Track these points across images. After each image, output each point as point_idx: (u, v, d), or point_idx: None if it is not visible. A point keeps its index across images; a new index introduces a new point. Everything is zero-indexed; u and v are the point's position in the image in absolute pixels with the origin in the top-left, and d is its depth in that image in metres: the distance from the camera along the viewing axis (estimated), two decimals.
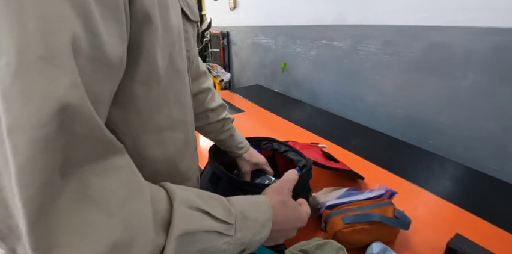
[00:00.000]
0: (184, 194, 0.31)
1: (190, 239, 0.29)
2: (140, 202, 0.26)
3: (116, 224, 0.24)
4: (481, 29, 1.47)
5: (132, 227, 0.25)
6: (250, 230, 0.35)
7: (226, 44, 3.76)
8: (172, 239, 0.28)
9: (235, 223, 0.34)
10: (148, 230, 0.26)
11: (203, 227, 0.31)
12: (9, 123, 0.19)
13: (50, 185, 0.21)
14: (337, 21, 2.23)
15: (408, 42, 1.79)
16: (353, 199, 0.75)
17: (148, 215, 0.27)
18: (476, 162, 1.56)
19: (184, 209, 0.30)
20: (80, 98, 0.22)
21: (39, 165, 0.20)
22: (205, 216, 0.31)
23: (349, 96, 2.28)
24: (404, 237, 0.72)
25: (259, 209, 0.38)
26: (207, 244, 0.31)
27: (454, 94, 1.64)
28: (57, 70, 0.21)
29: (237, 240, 0.34)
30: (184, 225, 0.29)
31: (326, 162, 0.90)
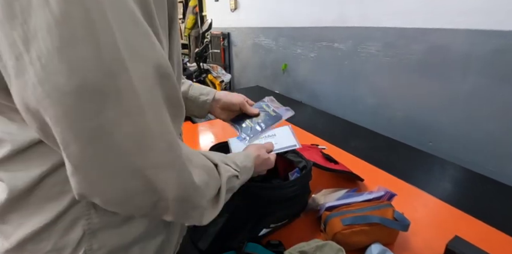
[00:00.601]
0: (215, 154, 0.49)
1: (228, 181, 0.47)
2: (203, 159, 0.44)
3: (202, 172, 0.41)
4: (481, 32, 1.47)
5: (208, 174, 0.42)
6: (246, 173, 0.55)
7: (226, 45, 3.77)
8: (223, 182, 0.45)
9: (240, 170, 0.51)
10: (215, 176, 0.44)
11: (231, 173, 0.49)
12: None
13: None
14: (338, 23, 2.23)
15: (409, 44, 1.80)
16: (353, 201, 0.75)
17: (211, 167, 0.45)
18: (475, 164, 1.56)
19: (222, 165, 0.47)
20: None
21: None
22: (230, 168, 0.49)
23: (349, 97, 2.28)
24: (403, 239, 0.72)
25: (248, 160, 0.56)
26: (233, 184, 0.50)
27: (454, 96, 1.65)
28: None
29: (241, 181, 0.53)
30: (226, 173, 0.47)
31: (326, 163, 0.90)
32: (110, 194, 0.32)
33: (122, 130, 0.29)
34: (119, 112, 0.28)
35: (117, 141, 0.29)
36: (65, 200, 0.38)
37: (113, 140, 0.29)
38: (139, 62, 0.29)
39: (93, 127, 0.28)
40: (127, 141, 0.30)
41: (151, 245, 0.47)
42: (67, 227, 0.39)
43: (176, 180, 0.34)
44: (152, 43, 0.31)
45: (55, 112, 0.27)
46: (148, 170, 0.32)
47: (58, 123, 0.27)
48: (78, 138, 0.28)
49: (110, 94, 0.28)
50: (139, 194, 0.33)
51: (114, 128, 0.29)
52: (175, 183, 0.34)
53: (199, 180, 0.38)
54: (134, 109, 0.29)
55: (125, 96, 0.29)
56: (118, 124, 0.29)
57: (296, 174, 0.73)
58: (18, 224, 0.38)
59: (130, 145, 0.30)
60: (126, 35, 0.28)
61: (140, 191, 0.33)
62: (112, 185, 0.31)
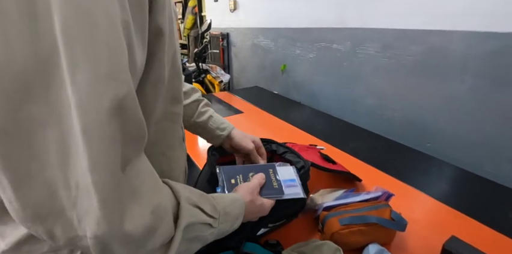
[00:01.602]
0: (185, 192, 0.39)
1: (189, 230, 0.37)
2: (164, 197, 0.35)
3: (148, 214, 0.32)
4: (479, 34, 1.48)
5: (158, 217, 0.33)
6: (228, 222, 0.44)
7: (226, 45, 3.77)
8: (180, 229, 0.36)
9: (219, 218, 0.42)
10: (168, 221, 0.35)
11: (199, 220, 0.39)
12: (82, 126, 0.25)
13: (114, 173, 0.28)
14: (337, 24, 2.24)
15: (407, 46, 1.81)
16: (350, 201, 0.75)
17: (168, 208, 0.35)
18: (473, 165, 1.57)
19: (187, 206, 0.38)
20: (134, 101, 0.29)
21: (107, 155, 0.27)
22: (200, 212, 0.39)
23: (348, 98, 2.29)
24: (400, 239, 0.72)
25: (235, 205, 0.47)
26: (200, 233, 0.40)
27: (451, 97, 1.65)
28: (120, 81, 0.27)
29: (219, 231, 0.43)
30: (188, 218, 0.37)
31: (324, 163, 0.90)
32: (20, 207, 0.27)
33: (44, 134, 0.26)
34: (44, 112, 0.25)
35: (35, 147, 0.26)
36: None
37: (30, 144, 0.26)
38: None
39: (8, 121, 0.25)
40: (47, 148, 0.26)
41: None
42: None
43: (99, 217, 0.27)
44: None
45: None
46: (63, 190, 0.27)
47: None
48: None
49: (40, 86, 0.25)
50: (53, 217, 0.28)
51: (33, 130, 0.25)
52: (96, 222, 0.27)
53: (140, 224, 0.30)
54: (62, 110, 0.26)
55: (54, 92, 0.25)
56: (40, 126, 0.25)
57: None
58: (15, 224, 0.37)
59: (51, 156, 0.26)
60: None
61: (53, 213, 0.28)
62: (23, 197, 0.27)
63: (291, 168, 0.66)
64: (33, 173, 0.26)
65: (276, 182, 0.60)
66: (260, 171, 0.60)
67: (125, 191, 0.30)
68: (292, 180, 0.62)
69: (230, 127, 0.74)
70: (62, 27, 0.24)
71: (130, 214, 0.30)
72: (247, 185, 0.55)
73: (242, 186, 0.54)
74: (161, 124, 0.44)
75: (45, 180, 0.26)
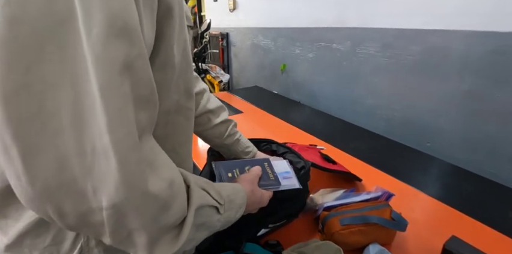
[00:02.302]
0: (192, 177, 0.39)
1: (199, 213, 0.37)
2: (178, 175, 0.35)
3: (166, 187, 0.31)
4: (479, 33, 1.48)
5: (174, 192, 0.33)
6: (233, 210, 0.44)
7: (225, 45, 3.77)
8: (192, 210, 0.35)
9: (224, 204, 0.41)
10: (182, 199, 0.34)
11: (208, 202, 0.38)
12: (101, 83, 0.25)
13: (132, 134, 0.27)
14: (336, 24, 2.24)
15: (407, 45, 1.81)
16: (351, 201, 0.75)
17: (182, 186, 0.35)
18: (473, 164, 1.57)
19: (197, 188, 0.37)
20: (144, 62, 0.29)
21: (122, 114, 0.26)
22: (207, 195, 0.39)
23: (348, 98, 2.29)
24: (400, 239, 0.72)
25: (239, 195, 0.46)
26: (208, 218, 0.39)
27: (451, 97, 1.65)
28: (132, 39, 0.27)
29: (225, 218, 0.42)
30: (199, 200, 0.37)
31: (324, 163, 0.90)
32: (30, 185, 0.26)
33: (57, 95, 0.24)
34: (58, 71, 0.24)
35: (47, 109, 0.24)
36: None
37: (42, 107, 0.24)
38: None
39: (20, 81, 0.23)
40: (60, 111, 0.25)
41: None
42: None
43: (118, 181, 0.26)
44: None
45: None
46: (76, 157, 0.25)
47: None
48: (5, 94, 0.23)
49: (54, 42, 0.24)
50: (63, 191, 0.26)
51: (46, 91, 0.24)
52: (115, 187, 0.26)
53: (157, 191, 0.30)
54: (76, 69, 0.24)
55: (69, 50, 0.24)
56: (53, 86, 0.24)
57: None
58: (16, 217, 0.37)
59: (65, 118, 0.25)
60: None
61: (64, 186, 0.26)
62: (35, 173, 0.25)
63: (285, 162, 0.67)
64: (44, 140, 0.25)
65: (272, 174, 0.61)
66: (256, 165, 0.61)
67: (143, 157, 0.29)
68: (287, 172, 0.64)
69: (254, 152, 0.76)
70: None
71: (150, 181, 0.29)
72: (245, 176, 0.55)
73: (241, 178, 0.54)
74: (173, 117, 0.43)
75: (56, 147, 0.25)
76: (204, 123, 0.70)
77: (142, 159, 0.28)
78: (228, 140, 0.73)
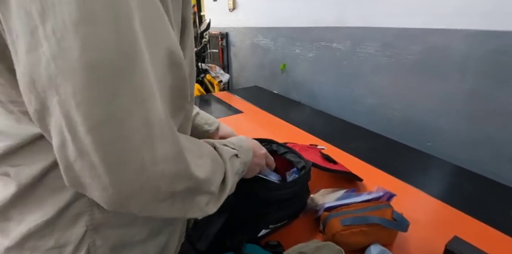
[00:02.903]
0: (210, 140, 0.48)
1: (231, 162, 0.47)
2: (206, 146, 0.45)
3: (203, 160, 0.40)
4: (479, 32, 1.48)
5: (213, 158, 0.43)
6: (245, 153, 0.53)
7: (225, 45, 3.76)
8: (227, 162, 0.45)
9: (239, 150, 0.51)
10: (219, 158, 0.45)
11: (232, 152, 0.49)
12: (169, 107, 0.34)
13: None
14: (336, 23, 2.23)
15: (407, 45, 1.80)
16: (352, 201, 0.75)
17: (213, 150, 0.45)
18: (474, 164, 1.57)
19: (220, 146, 0.47)
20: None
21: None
22: (229, 148, 0.49)
23: (348, 97, 2.28)
24: (402, 239, 0.72)
25: (242, 141, 0.56)
26: (236, 165, 0.49)
27: (452, 96, 1.65)
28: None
29: (242, 160, 0.51)
30: (227, 153, 0.47)
31: (325, 163, 0.90)
32: (108, 191, 0.30)
33: (132, 119, 0.28)
34: (131, 98, 0.28)
35: (125, 133, 0.28)
36: (67, 195, 0.37)
37: (122, 130, 0.28)
38: (154, 46, 0.30)
39: (104, 113, 0.27)
40: (136, 132, 0.29)
41: (153, 246, 0.47)
42: (69, 223, 0.39)
43: (179, 176, 0.33)
44: (168, 28, 0.31)
45: (65, 90, 0.26)
46: (154, 166, 0.31)
47: (66, 101, 0.26)
48: (86, 122, 0.27)
49: (124, 76, 0.27)
50: (142, 190, 0.31)
51: (125, 116, 0.28)
52: (177, 177, 0.33)
53: (205, 171, 0.38)
54: (147, 95, 0.29)
55: (138, 80, 0.28)
56: (129, 112, 0.28)
57: (294, 175, 0.72)
58: (19, 220, 0.38)
59: (137, 137, 0.29)
60: (145, 16, 0.28)
61: (145, 188, 0.31)
62: (113, 181, 0.30)
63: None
64: (127, 156, 0.29)
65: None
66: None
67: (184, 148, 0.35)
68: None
69: (217, 122, 0.82)
70: (140, 22, 0.28)
71: (197, 165, 0.36)
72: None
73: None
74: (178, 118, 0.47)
75: (137, 158, 0.30)
76: None
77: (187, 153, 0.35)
78: None
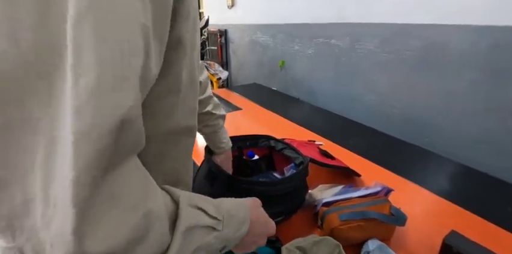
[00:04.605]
0: (184, 193, 0.35)
1: (190, 234, 0.32)
2: (155, 201, 0.30)
3: (138, 219, 0.27)
4: (478, 28, 1.47)
5: (149, 222, 0.28)
6: (233, 226, 0.39)
7: (224, 42, 3.75)
8: (178, 233, 0.31)
9: (223, 220, 0.37)
10: (162, 226, 0.30)
11: (200, 222, 0.34)
12: (75, 132, 0.22)
13: (95, 184, 0.23)
14: (335, 20, 2.22)
15: (406, 40, 1.79)
16: (350, 196, 0.75)
17: (163, 214, 0.30)
18: (472, 160, 1.57)
19: (187, 208, 0.33)
20: (138, 112, 0.26)
21: (93, 166, 0.23)
22: (202, 213, 0.35)
23: (347, 94, 2.28)
24: (400, 234, 0.72)
25: (240, 208, 0.42)
26: (201, 240, 0.34)
27: (450, 92, 1.65)
28: (127, 90, 0.25)
29: (223, 235, 0.37)
30: (188, 221, 0.32)
31: (323, 159, 0.90)
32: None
33: (35, 133, 0.23)
34: (43, 108, 0.23)
35: (24, 145, 0.23)
36: None
37: (20, 142, 0.23)
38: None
39: (4, 113, 0.22)
40: (36, 149, 0.23)
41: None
42: None
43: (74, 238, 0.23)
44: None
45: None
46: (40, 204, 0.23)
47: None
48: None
49: (43, 80, 0.23)
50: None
51: (27, 127, 0.23)
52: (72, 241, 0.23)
53: (123, 233, 0.26)
54: (58, 111, 0.23)
55: (57, 90, 0.23)
56: (35, 123, 0.23)
57: (292, 170, 0.73)
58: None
59: (38, 159, 0.23)
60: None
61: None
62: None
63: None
64: (15, 177, 0.23)
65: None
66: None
67: (104, 196, 0.25)
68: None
69: (225, 149, 0.78)
70: (73, 21, 0.22)
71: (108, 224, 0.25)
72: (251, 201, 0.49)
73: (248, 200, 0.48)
74: (174, 137, 0.41)
75: (24, 187, 0.23)
76: None
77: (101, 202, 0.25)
78: (205, 130, 0.76)
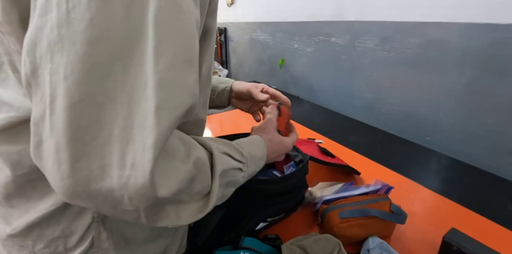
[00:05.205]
0: (213, 143, 0.41)
1: (224, 175, 0.40)
2: (199, 151, 0.37)
3: (190, 166, 0.34)
4: (478, 25, 1.47)
5: (198, 166, 0.35)
6: (255, 165, 0.47)
7: (223, 40, 3.74)
8: (216, 176, 0.38)
9: (247, 162, 0.45)
10: (206, 167, 0.37)
11: (230, 165, 0.41)
12: (159, 102, 0.27)
13: (164, 145, 0.28)
14: (335, 17, 2.22)
15: (406, 38, 1.79)
16: (350, 194, 0.75)
17: (206, 160, 0.37)
18: (472, 158, 1.57)
19: (219, 154, 0.40)
20: (197, 90, 0.32)
21: (169, 131, 0.28)
22: (230, 158, 0.42)
23: (346, 92, 2.27)
24: (400, 232, 0.72)
25: (259, 148, 0.49)
26: (233, 177, 0.42)
27: (451, 90, 1.64)
28: (192, 70, 0.30)
29: (248, 173, 0.45)
30: (221, 166, 0.39)
31: (323, 157, 0.90)
32: (64, 183, 0.27)
33: (114, 109, 0.26)
34: (120, 86, 0.26)
35: (102, 121, 0.26)
36: None
37: (99, 117, 0.26)
38: (166, 40, 0.28)
39: (87, 92, 0.25)
40: (113, 125, 0.26)
41: (153, 248, 0.47)
42: (76, 213, 0.38)
43: (141, 194, 0.28)
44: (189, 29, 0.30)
45: (59, 60, 0.25)
46: (119, 170, 0.27)
47: (56, 71, 0.25)
48: (67, 97, 0.25)
49: (120, 61, 0.26)
50: (99, 197, 0.28)
51: (107, 103, 0.26)
52: (139, 194, 0.28)
53: (176, 182, 0.31)
54: (135, 87, 0.26)
55: (133, 69, 0.26)
56: (113, 99, 0.26)
57: (292, 168, 0.73)
58: (25, 209, 0.37)
59: (113, 132, 0.26)
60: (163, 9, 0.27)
61: (103, 195, 0.28)
62: (71, 173, 0.26)
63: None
64: (93, 149, 0.26)
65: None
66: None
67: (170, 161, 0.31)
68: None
69: (230, 80, 0.78)
70: (155, 13, 0.26)
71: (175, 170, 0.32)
72: (261, 126, 0.57)
73: (258, 127, 0.56)
74: (190, 128, 0.46)
75: (103, 157, 0.26)
76: None
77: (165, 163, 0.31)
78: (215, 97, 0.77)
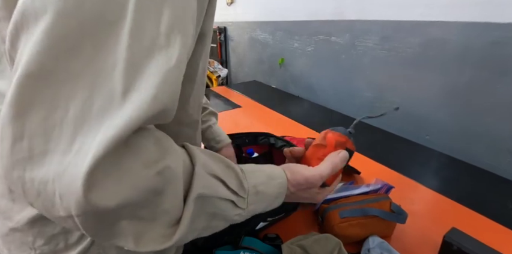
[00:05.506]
0: (204, 158, 0.32)
1: (203, 202, 0.31)
2: (175, 160, 0.28)
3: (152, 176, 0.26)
4: (479, 24, 1.47)
5: (166, 180, 0.27)
6: (263, 203, 0.36)
7: (223, 39, 3.73)
8: (190, 199, 0.29)
9: (248, 197, 0.34)
10: (178, 185, 0.28)
11: (216, 193, 0.32)
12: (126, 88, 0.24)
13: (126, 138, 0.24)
14: (335, 17, 2.21)
15: (406, 37, 1.79)
16: (350, 193, 0.75)
17: (179, 172, 0.29)
18: (472, 157, 1.57)
19: (203, 173, 0.31)
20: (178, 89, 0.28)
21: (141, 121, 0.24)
22: (220, 184, 0.32)
23: (346, 91, 2.27)
24: (400, 231, 0.72)
25: (272, 183, 0.37)
26: (220, 210, 0.33)
27: (451, 89, 1.64)
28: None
29: (248, 212, 0.35)
30: (201, 189, 0.30)
31: None
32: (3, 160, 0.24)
33: (74, 88, 0.23)
34: (85, 66, 0.24)
35: (59, 100, 0.23)
36: None
37: (56, 96, 0.23)
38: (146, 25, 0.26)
39: (48, 66, 0.23)
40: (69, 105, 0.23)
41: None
42: None
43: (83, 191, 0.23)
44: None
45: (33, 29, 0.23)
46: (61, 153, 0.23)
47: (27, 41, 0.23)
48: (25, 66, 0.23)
49: (91, 40, 0.24)
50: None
51: (66, 82, 0.23)
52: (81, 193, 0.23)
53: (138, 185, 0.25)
54: (103, 68, 0.24)
55: (104, 50, 0.24)
56: (74, 79, 0.23)
57: None
58: (26, 203, 0.37)
59: (70, 113, 0.24)
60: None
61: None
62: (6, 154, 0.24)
63: None
64: (43, 130, 0.23)
65: None
66: None
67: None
68: None
69: (224, 141, 0.79)
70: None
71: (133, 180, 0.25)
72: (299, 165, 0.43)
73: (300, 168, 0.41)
74: (184, 129, 0.44)
75: (50, 139, 0.24)
76: None
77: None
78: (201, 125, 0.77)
